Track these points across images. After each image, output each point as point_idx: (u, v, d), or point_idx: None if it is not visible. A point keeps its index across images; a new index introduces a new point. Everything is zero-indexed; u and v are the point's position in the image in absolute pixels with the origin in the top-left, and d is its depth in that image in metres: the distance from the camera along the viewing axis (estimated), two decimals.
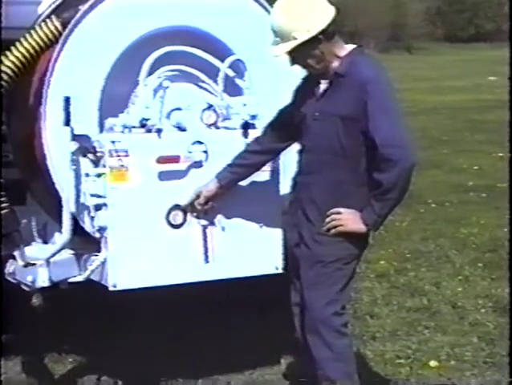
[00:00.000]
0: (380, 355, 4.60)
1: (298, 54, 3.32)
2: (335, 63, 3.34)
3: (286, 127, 3.50)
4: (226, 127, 3.72)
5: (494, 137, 12.78)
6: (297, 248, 3.48)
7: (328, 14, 3.28)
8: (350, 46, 3.39)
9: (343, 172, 3.33)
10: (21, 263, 3.67)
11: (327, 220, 3.35)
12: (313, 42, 3.26)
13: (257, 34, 3.82)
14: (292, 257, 3.56)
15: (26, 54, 3.70)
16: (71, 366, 4.46)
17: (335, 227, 3.34)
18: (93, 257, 3.61)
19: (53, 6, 3.95)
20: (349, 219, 3.33)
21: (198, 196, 3.55)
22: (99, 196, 3.51)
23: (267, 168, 3.67)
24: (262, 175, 3.68)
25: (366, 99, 3.23)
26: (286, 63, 3.41)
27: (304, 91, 3.47)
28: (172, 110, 3.75)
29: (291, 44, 3.27)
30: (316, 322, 3.38)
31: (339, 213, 3.33)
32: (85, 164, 3.58)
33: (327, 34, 3.28)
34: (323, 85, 3.37)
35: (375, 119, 3.22)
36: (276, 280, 3.76)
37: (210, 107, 3.71)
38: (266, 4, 3.92)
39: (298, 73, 3.52)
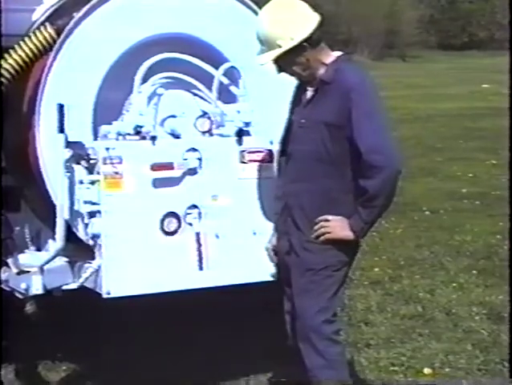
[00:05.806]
0: (375, 363, 4.59)
1: (283, 62, 3.33)
2: (322, 70, 3.34)
3: None
4: (220, 135, 3.72)
5: (488, 144, 12.82)
6: (287, 256, 3.47)
7: (312, 21, 3.29)
8: (336, 53, 3.39)
9: (330, 179, 3.33)
10: (14, 270, 3.66)
11: (316, 227, 3.34)
12: (297, 49, 3.27)
13: (251, 41, 3.82)
14: (283, 265, 3.55)
15: (20, 61, 3.70)
16: (64, 373, 4.44)
17: (324, 234, 3.33)
18: (87, 265, 3.61)
19: (47, 14, 3.96)
20: (337, 226, 3.33)
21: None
22: (93, 204, 3.51)
23: (261, 175, 3.68)
24: (256, 182, 3.68)
25: (350, 106, 3.23)
26: None
27: (294, 98, 3.48)
28: (167, 117, 3.76)
29: (276, 52, 3.28)
30: (307, 329, 3.37)
31: (327, 220, 3.33)
32: (79, 171, 3.57)
33: (311, 42, 3.28)
34: (310, 92, 3.38)
35: (359, 126, 3.22)
36: (270, 287, 3.75)
37: (204, 114, 3.72)
38: (259, 11, 3.93)
39: (293, 80, 3.53)
